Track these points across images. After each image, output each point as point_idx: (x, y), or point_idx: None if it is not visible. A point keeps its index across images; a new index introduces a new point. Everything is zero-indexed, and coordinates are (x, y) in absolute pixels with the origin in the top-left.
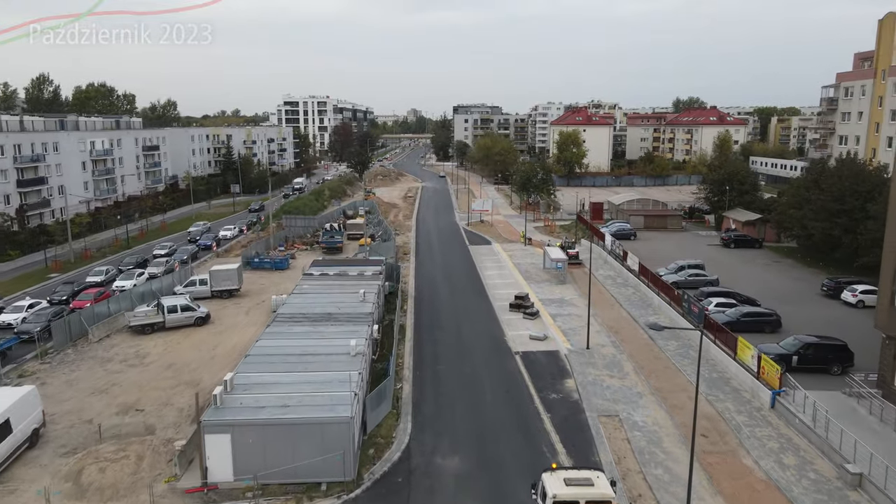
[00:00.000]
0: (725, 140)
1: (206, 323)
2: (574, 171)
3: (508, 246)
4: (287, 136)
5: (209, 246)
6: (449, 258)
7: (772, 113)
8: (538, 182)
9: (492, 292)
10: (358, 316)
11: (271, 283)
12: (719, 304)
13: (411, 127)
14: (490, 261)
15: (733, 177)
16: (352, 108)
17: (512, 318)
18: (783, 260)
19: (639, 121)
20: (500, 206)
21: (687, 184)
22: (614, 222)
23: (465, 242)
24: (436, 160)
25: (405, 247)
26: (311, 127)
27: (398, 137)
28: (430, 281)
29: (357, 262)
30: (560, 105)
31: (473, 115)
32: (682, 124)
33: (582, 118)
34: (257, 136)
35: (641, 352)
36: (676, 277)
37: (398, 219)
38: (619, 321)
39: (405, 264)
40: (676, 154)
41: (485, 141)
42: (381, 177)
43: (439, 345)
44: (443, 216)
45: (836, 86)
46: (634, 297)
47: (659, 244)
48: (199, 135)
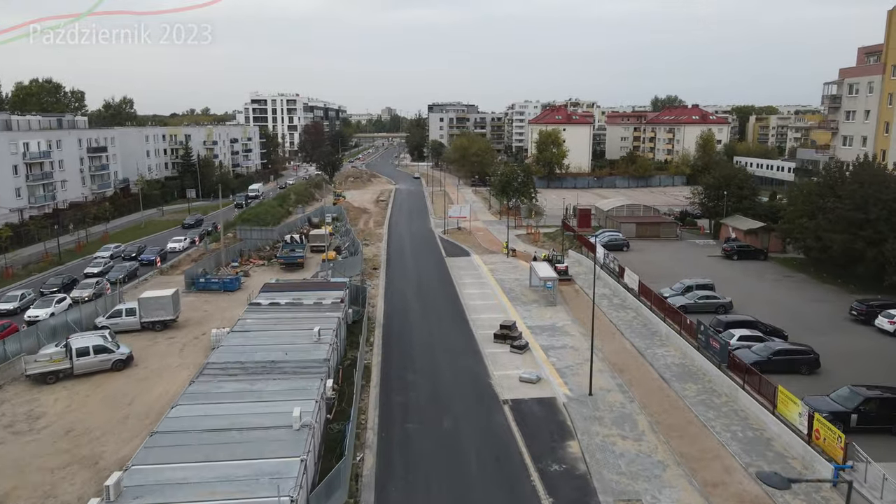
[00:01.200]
0: (708, 139)
1: (127, 366)
2: (554, 172)
3: (489, 258)
4: (253, 136)
5: (152, 261)
6: (424, 273)
7: (750, 112)
8: (519, 185)
9: (473, 317)
10: (309, 365)
11: (217, 310)
12: (743, 338)
13: (386, 126)
14: (469, 276)
15: (731, 181)
16: (323, 106)
17: (497, 351)
18: (794, 275)
19: (618, 119)
20: (478, 211)
21: (671, 185)
22: (604, 231)
23: (442, 254)
24: (410, 160)
25: (375, 259)
26: (280, 126)
27: (372, 137)
28: (402, 303)
29: (315, 286)
30: (537, 103)
31: (449, 113)
32: (663, 123)
33: (562, 117)
34: (219, 135)
35: (655, 398)
36: (684, 300)
37: (369, 226)
38: (622, 355)
39: (374, 281)
40: (658, 154)
41: (461, 141)
42: (352, 179)
43: (411, 391)
44: (417, 222)
45: (839, 82)
46: (636, 323)
47: (654, 255)
48: (155, 135)
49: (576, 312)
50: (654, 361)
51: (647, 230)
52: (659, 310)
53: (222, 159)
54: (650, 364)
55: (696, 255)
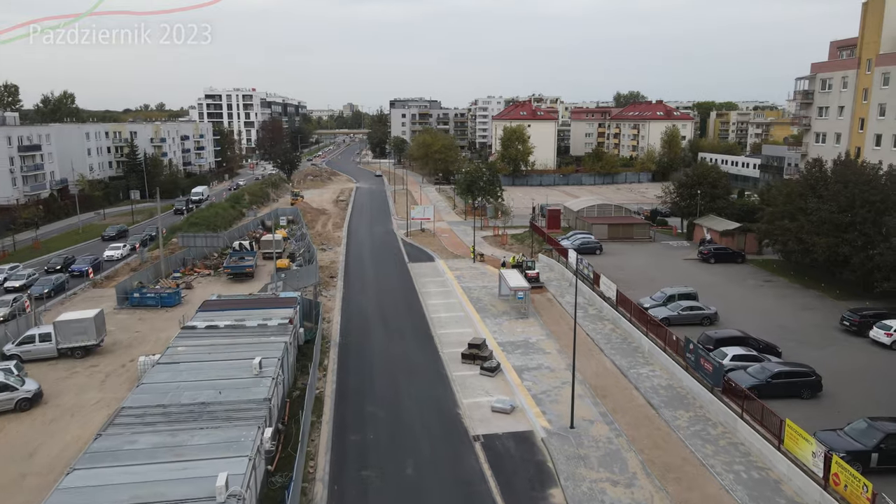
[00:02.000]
0: (673, 135)
1: (34, 405)
2: (520, 170)
3: (455, 263)
4: (205, 133)
5: (84, 272)
6: (385, 282)
7: (710, 108)
8: (484, 184)
9: (438, 332)
10: (246, 408)
11: (151, 330)
12: (736, 357)
13: (347, 122)
14: (434, 284)
15: (703, 179)
16: (282, 102)
17: (466, 374)
18: (775, 279)
19: (583, 115)
20: (442, 211)
21: (636, 182)
22: (575, 233)
23: (405, 259)
24: (372, 157)
25: (332, 267)
26: (237, 123)
27: (333, 133)
28: (360, 317)
29: (262, 303)
30: (500, 99)
31: (411, 109)
32: (627, 119)
33: (526, 112)
34: (167, 132)
35: (644, 430)
36: (667, 312)
37: (327, 229)
38: (603, 377)
39: (331, 292)
40: (623, 150)
41: (423, 137)
42: (311, 177)
43: (370, 427)
44: (378, 224)
45: (810, 77)
46: (615, 337)
47: (629, 259)
48: (97, 132)
49: (550, 325)
50: (639, 383)
51: (619, 231)
52: (640, 322)
53: (172, 158)
54: (634, 386)
55: (671, 258)
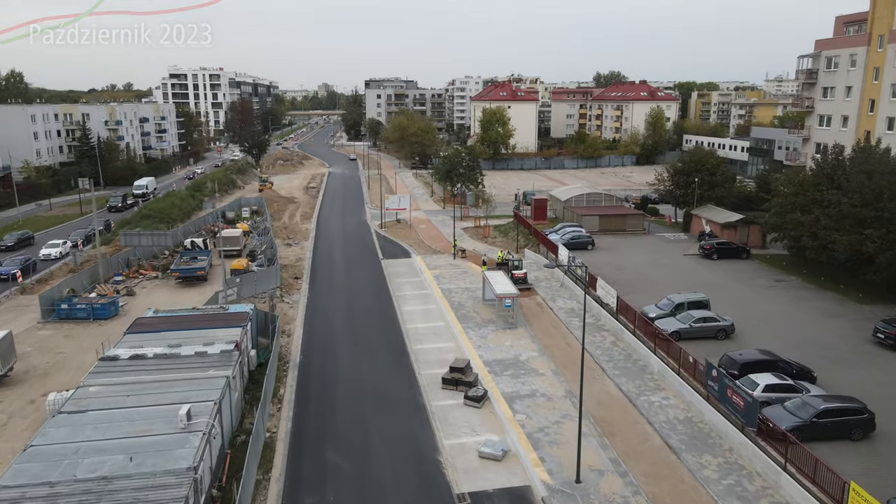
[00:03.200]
0: (658, 117)
1: None
2: (500, 153)
3: (434, 260)
4: (167, 115)
5: (11, 275)
6: (356, 284)
7: (691, 88)
8: (464, 170)
9: (415, 347)
10: (161, 485)
11: (78, 351)
12: (770, 388)
13: (322, 103)
14: (411, 286)
15: (701, 166)
16: (252, 81)
17: (448, 404)
18: (786, 278)
19: (564, 96)
20: (419, 199)
21: (620, 165)
22: (564, 226)
23: (378, 255)
24: (347, 140)
25: (297, 266)
26: (204, 104)
27: (308, 114)
28: (326, 330)
29: (206, 320)
30: (479, 79)
31: (387, 90)
32: (610, 100)
33: (506, 93)
34: (124, 114)
35: (666, 485)
36: (677, 324)
37: (294, 220)
38: (608, 406)
39: (294, 297)
40: (605, 132)
41: (399, 119)
42: (281, 162)
43: (329, 486)
44: (351, 214)
45: (814, 55)
46: (618, 353)
47: (624, 255)
48: (45, 114)
49: (542, 337)
50: (652, 416)
51: (611, 223)
52: (645, 335)
53: (130, 142)
54: (647, 420)
55: (669, 253)
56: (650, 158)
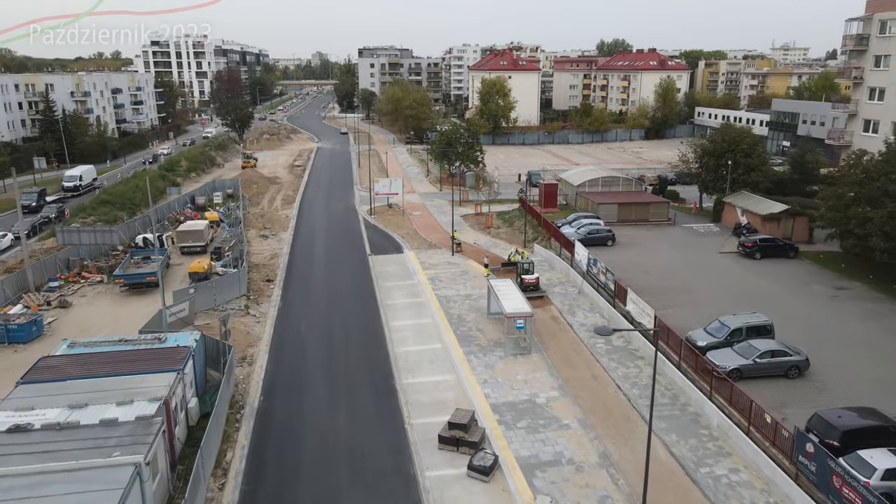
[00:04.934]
0: (668, 88)
1: None
2: (500, 127)
3: (429, 256)
4: (144, 85)
5: None
6: (338, 290)
7: (698, 57)
8: (463, 147)
9: (405, 382)
10: None
11: None
12: (891, 473)
13: (315, 72)
14: (402, 292)
15: (735, 146)
16: (240, 50)
17: (446, 475)
18: (849, 285)
19: (567, 65)
20: (413, 179)
21: (628, 139)
22: (579, 216)
23: (366, 250)
24: (339, 111)
25: (271, 265)
26: (187, 73)
27: (300, 84)
28: (296, 357)
29: (133, 360)
30: (477, 47)
31: (381, 58)
32: (617, 69)
33: (507, 62)
34: (93, 84)
35: None
36: (737, 359)
37: (274, 205)
38: (661, 480)
39: (263, 307)
40: (611, 104)
41: (393, 91)
42: (267, 136)
43: None
44: (338, 198)
45: (865, 18)
46: (658, 394)
47: (650, 253)
48: (3, 84)
49: (562, 366)
50: (722, 501)
51: (632, 213)
52: (693, 370)
53: (101, 115)
54: None
55: (702, 250)
56: (659, 132)
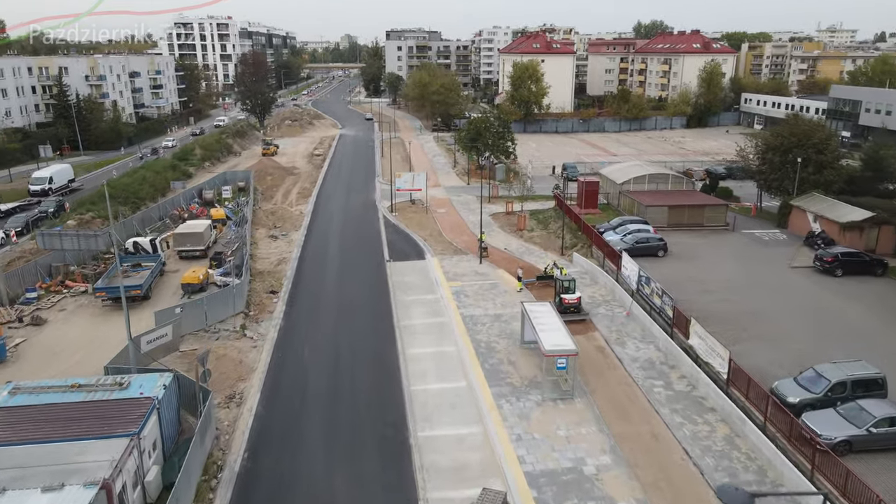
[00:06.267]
0: (714, 72)
1: None
2: (532, 113)
3: (455, 264)
4: (164, 69)
5: None
6: (349, 307)
7: (742, 39)
8: (493, 137)
9: (422, 435)
10: None
11: None
12: None
13: (343, 55)
14: (422, 310)
15: (806, 140)
16: (266, 32)
17: None
18: None
19: (602, 48)
20: (439, 170)
21: (668, 128)
22: (625, 220)
23: (384, 255)
24: (365, 96)
25: (277, 273)
26: (211, 56)
27: (328, 67)
28: (294, 398)
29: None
30: (507, 30)
31: (408, 41)
32: (656, 52)
33: (540, 45)
34: (109, 68)
35: None
36: (846, 426)
37: (289, 199)
38: None
39: (262, 328)
40: (649, 89)
41: (420, 75)
42: (289, 122)
43: None
44: (358, 191)
45: None
46: (739, 464)
47: (708, 267)
48: (16, 67)
49: (614, 419)
50: None
51: (684, 216)
52: (785, 436)
53: (118, 99)
54: None
55: (770, 263)
56: (702, 120)
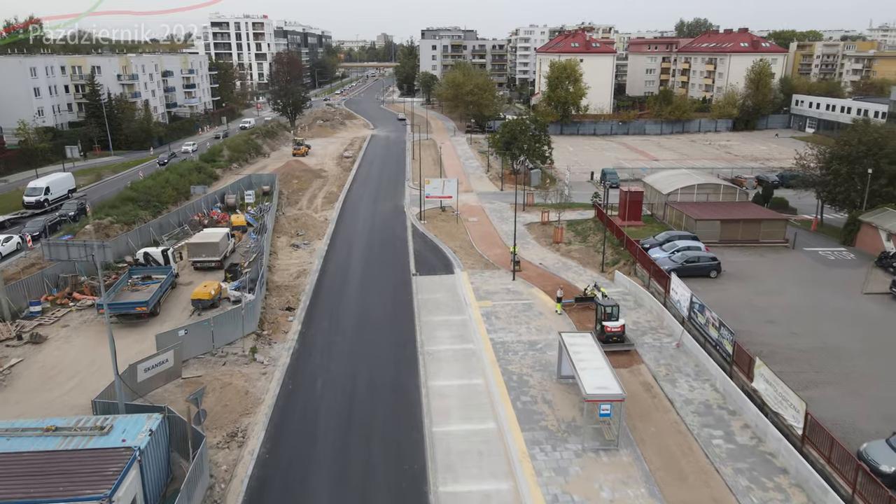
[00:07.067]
0: (763, 72)
1: None
2: (569, 115)
3: (485, 280)
4: (198, 68)
5: None
6: (370, 328)
7: (790, 38)
8: (529, 141)
9: (443, 491)
10: None
11: None
12: None
13: (379, 54)
14: (449, 335)
15: (878, 150)
16: (302, 31)
17: None
18: None
19: (643, 47)
20: (472, 175)
21: (713, 130)
22: (672, 236)
23: (410, 267)
24: (399, 95)
25: (295, 288)
26: (246, 55)
27: (363, 66)
28: (302, 438)
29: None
30: (545, 28)
31: (443, 40)
32: (701, 52)
33: (579, 44)
34: (141, 67)
35: None
36: None
37: (314, 204)
38: None
39: (274, 351)
40: (693, 90)
41: (454, 75)
42: (321, 122)
43: None
44: (386, 196)
45: None
46: None
47: (771, 291)
48: (49, 66)
49: (667, 479)
50: None
51: (738, 231)
52: None
53: (150, 98)
54: None
55: (839, 288)
56: (749, 123)
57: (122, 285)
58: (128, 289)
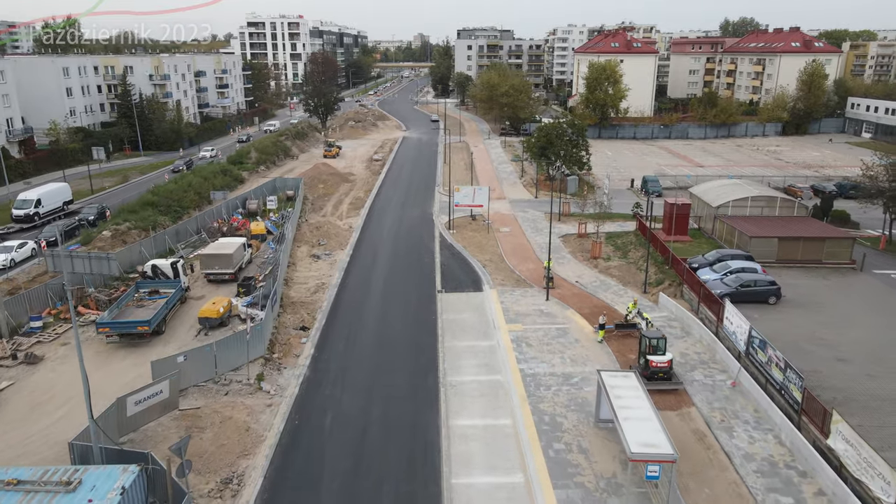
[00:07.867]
0: (815, 74)
1: None
2: (608, 117)
3: (515, 300)
4: (231, 68)
5: None
6: (389, 353)
7: (843, 37)
8: (566, 146)
9: None
10: None
11: None
12: None
13: (415, 54)
14: (474, 363)
15: None
16: (337, 31)
17: None
18: None
19: (686, 48)
20: (505, 181)
21: (760, 135)
22: (723, 255)
23: (436, 283)
24: (433, 96)
25: (312, 305)
26: (282, 55)
27: (399, 66)
28: (304, 492)
29: None
30: (583, 28)
31: (479, 40)
32: (748, 52)
33: (619, 44)
34: (174, 67)
35: None
36: None
37: (340, 211)
38: None
39: (283, 378)
40: (739, 92)
41: (489, 76)
42: (353, 123)
43: None
44: (415, 203)
45: None
46: None
47: (839, 322)
48: (82, 66)
49: None
50: None
51: (798, 251)
52: None
53: (182, 99)
54: None
55: None
56: (800, 127)
57: (127, 300)
58: (133, 304)
